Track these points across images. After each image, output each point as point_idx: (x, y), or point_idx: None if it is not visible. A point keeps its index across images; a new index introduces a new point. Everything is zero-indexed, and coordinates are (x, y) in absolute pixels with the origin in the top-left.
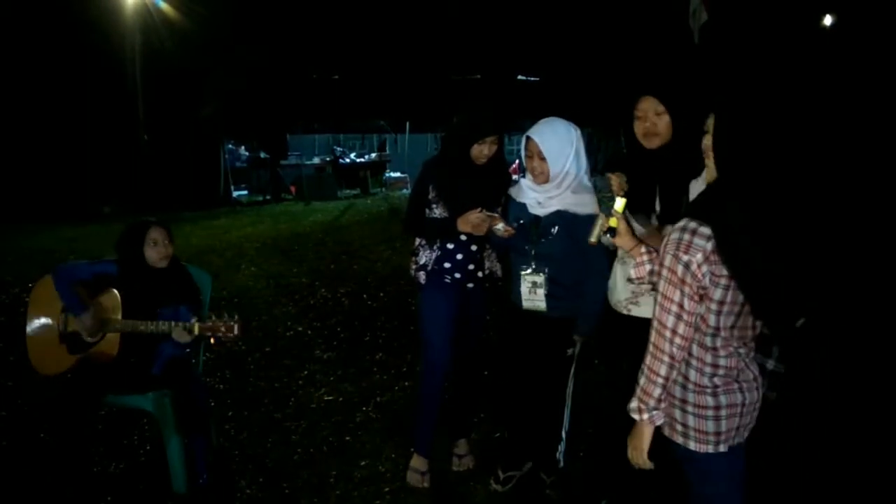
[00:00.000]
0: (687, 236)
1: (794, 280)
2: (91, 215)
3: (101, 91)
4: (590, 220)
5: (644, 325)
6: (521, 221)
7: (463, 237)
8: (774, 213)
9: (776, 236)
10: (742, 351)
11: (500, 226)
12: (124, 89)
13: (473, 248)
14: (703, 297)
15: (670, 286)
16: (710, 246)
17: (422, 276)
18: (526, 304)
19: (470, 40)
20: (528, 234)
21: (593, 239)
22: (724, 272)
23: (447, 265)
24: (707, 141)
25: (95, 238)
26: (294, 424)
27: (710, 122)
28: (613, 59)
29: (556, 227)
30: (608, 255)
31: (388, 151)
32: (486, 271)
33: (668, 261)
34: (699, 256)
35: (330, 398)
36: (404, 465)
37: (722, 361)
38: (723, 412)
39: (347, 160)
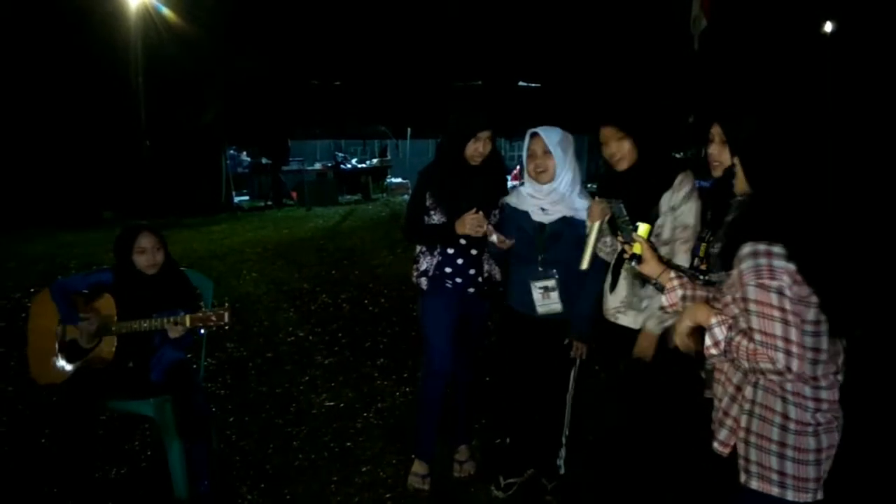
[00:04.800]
0: (764, 260)
1: (859, 289)
2: (92, 221)
3: (102, 96)
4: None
5: (630, 334)
6: (524, 230)
7: (462, 241)
8: (841, 225)
9: (847, 247)
10: (839, 377)
11: (493, 237)
12: (126, 95)
13: (473, 252)
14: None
15: (767, 321)
16: (792, 266)
17: (423, 282)
18: (541, 309)
19: (471, 46)
20: (534, 242)
21: (585, 265)
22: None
23: (448, 270)
24: (713, 149)
25: (96, 244)
26: (295, 430)
27: (716, 131)
28: (613, 67)
29: (564, 233)
30: (602, 261)
31: (389, 157)
32: (486, 275)
33: (753, 293)
34: (786, 279)
35: (331, 404)
36: (405, 470)
37: (824, 394)
38: (823, 455)
39: (349, 166)
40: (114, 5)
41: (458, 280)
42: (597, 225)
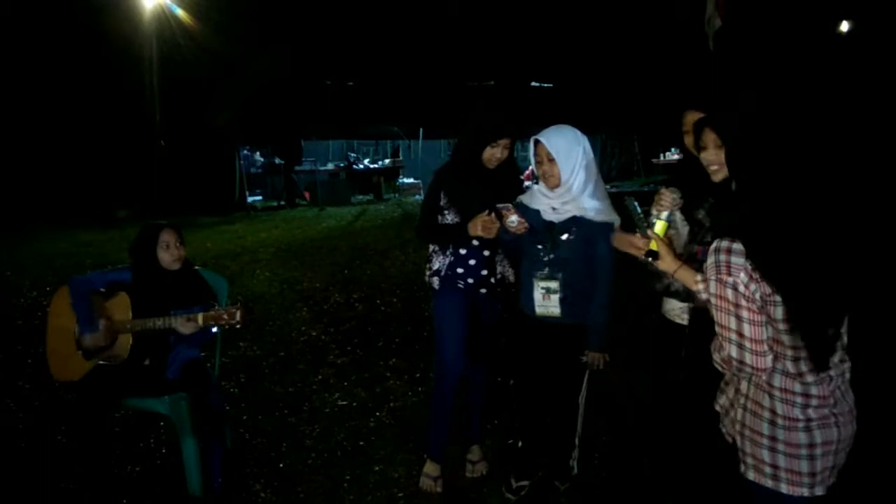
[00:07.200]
0: (723, 257)
1: (825, 289)
2: (107, 220)
3: (118, 96)
4: (605, 227)
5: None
6: (535, 229)
7: (475, 242)
8: (798, 221)
9: (804, 245)
10: (833, 373)
11: (513, 218)
12: (141, 95)
13: (486, 253)
14: (768, 318)
15: (724, 314)
16: (750, 263)
17: (435, 281)
18: (539, 310)
19: (484, 47)
20: (542, 240)
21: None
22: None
23: (460, 270)
24: (710, 155)
25: (111, 243)
26: (308, 429)
27: (709, 137)
28: (626, 67)
29: (572, 233)
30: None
31: (401, 157)
32: (498, 276)
33: (713, 287)
34: (743, 276)
35: (344, 403)
36: (417, 470)
37: (813, 390)
38: (817, 450)
39: (361, 166)
40: (128, 6)
41: (470, 280)
42: (665, 214)
